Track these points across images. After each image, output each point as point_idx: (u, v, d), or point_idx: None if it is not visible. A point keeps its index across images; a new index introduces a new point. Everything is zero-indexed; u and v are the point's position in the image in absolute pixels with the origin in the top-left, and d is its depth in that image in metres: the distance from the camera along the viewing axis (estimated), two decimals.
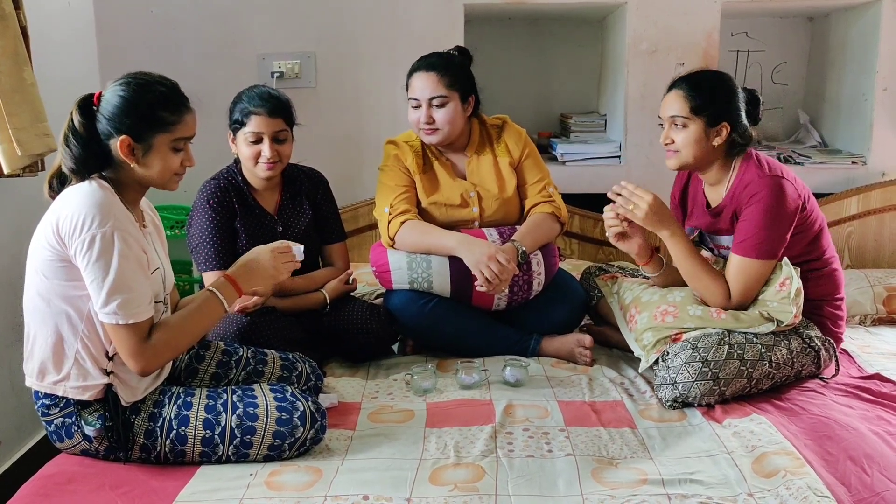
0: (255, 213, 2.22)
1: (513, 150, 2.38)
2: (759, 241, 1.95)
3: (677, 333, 1.98)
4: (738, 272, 1.99)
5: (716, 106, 1.99)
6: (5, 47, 1.93)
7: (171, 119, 1.60)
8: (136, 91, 1.58)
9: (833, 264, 2.10)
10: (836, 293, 2.10)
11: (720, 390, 1.89)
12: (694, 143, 2.00)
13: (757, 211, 1.95)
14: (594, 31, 3.50)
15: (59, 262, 1.54)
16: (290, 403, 1.67)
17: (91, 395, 1.60)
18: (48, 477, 1.59)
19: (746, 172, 2.01)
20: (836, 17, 3.33)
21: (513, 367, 2.07)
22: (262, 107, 2.11)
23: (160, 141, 1.60)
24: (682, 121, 2.01)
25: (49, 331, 1.58)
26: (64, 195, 1.58)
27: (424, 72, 2.27)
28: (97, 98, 1.60)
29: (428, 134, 2.29)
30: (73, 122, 1.58)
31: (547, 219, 2.32)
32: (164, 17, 3.01)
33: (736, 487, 1.53)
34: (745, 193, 1.98)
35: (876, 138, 3.10)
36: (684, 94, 2.01)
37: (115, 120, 1.57)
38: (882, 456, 1.61)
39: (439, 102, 2.25)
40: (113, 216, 1.53)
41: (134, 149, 1.59)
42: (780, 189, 1.95)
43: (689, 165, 2.07)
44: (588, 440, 1.74)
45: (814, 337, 2.00)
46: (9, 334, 2.25)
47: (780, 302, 1.95)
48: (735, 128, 2.01)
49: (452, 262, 2.21)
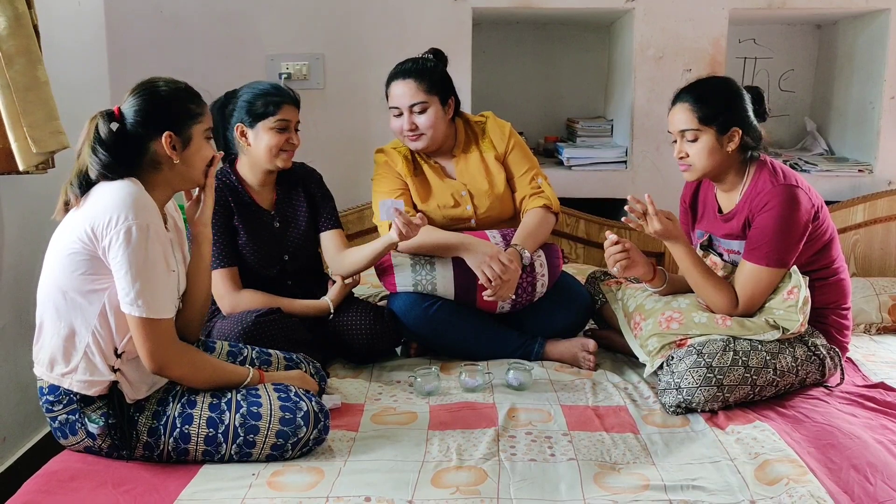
0: (251, 210, 2.24)
1: (497, 143, 2.40)
2: (770, 250, 1.94)
3: (682, 339, 1.98)
4: (747, 279, 1.98)
5: (724, 113, 1.98)
6: (19, 45, 1.94)
7: (199, 110, 1.70)
8: (165, 91, 1.67)
9: (841, 273, 2.09)
10: (843, 302, 2.09)
11: (724, 396, 1.89)
12: (708, 154, 1.99)
13: (770, 219, 1.94)
14: (601, 36, 3.50)
15: (86, 256, 1.56)
16: (294, 403, 1.68)
17: (96, 391, 1.61)
18: (52, 473, 1.60)
19: (760, 180, 2.01)
20: (843, 25, 3.32)
21: (516, 371, 2.07)
22: (287, 96, 2.18)
23: (197, 131, 1.69)
24: (693, 133, 1.99)
25: (62, 323, 1.60)
26: (98, 193, 1.61)
27: (402, 79, 2.30)
28: (118, 111, 1.65)
29: (413, 140, 2.32)
30: (98, 132, 1.61)
31: (542, 214, 2.33)
32: (174, 18, 3.03)
33: (738, 494, 1.53)
34: (759, 201, 1.97)
35: (883, 146, 3.10)
36: (690, 106, 1.99)
37: (154, 120, 1.64)
38: (885, 465, 1.60)
39: (420, 108, 2.28)
40: (147, 210, 1.57)
41: (175, 144, 1.66)
42: (794, 198, 1.94)
43: (706, 176, 2.06)
44: (591, 445, 1.73)
45: (819, 345, 2.00)
46: (15, 330, 2.26)
47: (786, 310, 1.95)
48: (746, 130, 1.99)
49: (456, 266, 2.22)
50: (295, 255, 2.30)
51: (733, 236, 2.08)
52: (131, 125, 1.64)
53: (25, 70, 1.96)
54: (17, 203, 2.27)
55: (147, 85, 1.67)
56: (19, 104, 1.95)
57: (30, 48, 1.98)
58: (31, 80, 1.97)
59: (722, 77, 2.11)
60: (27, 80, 1.96)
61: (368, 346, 2.24)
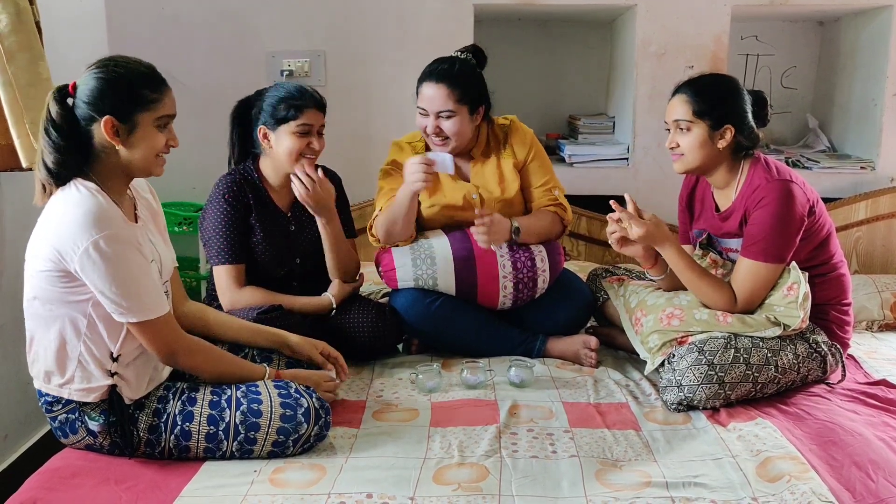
0: (269, 210, 2.23)
1: (518, 151, 2.36)
2: (767, 245, 1.94)
3: (683, 336, 1.98)
4: (746, 276, 1.98)
5: (719, 109, 1.99)
6: (20, 42, 1.94)
7: (153, 97, 1.59)
8: (114, 72, 1.57)
9: (840, 269, 2.09)
10: (843, 298, 2.09)
11: (725, 394, 1.89)
12: (698, 146, 2.01)
13: (766, 215, 1.94)
14: (603, 33, 3.49)
15: (57, 272, 1.53)
16: (295, 400, 1.68)
17: (95, 397, 1.61)
18: (53, 471, 1.60)
19: (755, 176, 2.01)
20: (846, 21, 3.32)
21: (518, 368, 2.07)
22: (311, 100, 2.14)
23: (144, 119, 1.58)
24: (686, 124, 2.01)
25: (52, 335, 1.58)
26: (54, 206, 1.56)
27: (435, 83, 2.23)
28: (72, 87, 1.58)
29: (438, 145, 2.29)
30: (50, 112, 1.56)
31: (550, 216, 2.32)
32: (175, 15, 3.02)
33: (740, 491, 1.53)
34: (754, 197, 1.98)
35: (885, 143, 3.09)
36: (687, 98, 2.01)
37: (97, 102, 1.55)
38: (887, 462, 1.60)
39: (447, 115, 2.24)
40: (107, 221, 1.51)
41: (118, 130, 1.56)
42: (789, 193, 1.95)
43: (694, 169, 2.06)
44: (592, 442, 1.73)
45: (820, 342, 2.00)
46: (15, 328, 2.25)
47: (786, 307, 1.94)
48: (740, 130, 2.00)
49: (457, 260, 2.22)
50: (306, 258, 2.30)
51: (731, 234, 2.09)
52: (79, 105, 1.56)
53: (27, 66, 1.96)
54: (19, 200, 2.26)
55: (103, 63, 1.58)
56: (21, 100, 1.95)
57: (32, 44, 1.98)
58: (34, 76, 1.97)
59: (725, 75, 2.11)
60: (29, 76, 1.96)
61: (370, 343, 2.24)
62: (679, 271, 2.04)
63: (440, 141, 2.27)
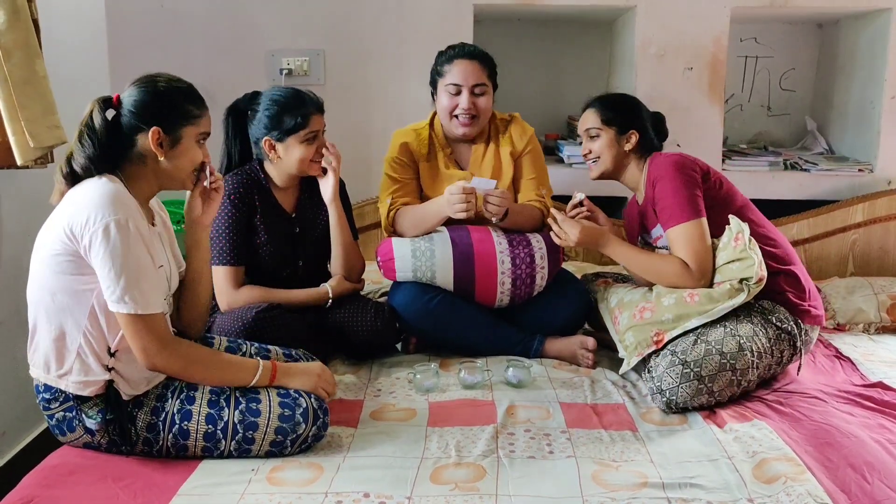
0: (274, 210, 2.24)
1: (516, 141, 2.43)
2: (676, 206, 2.08)
3: (658, 334, 2.00)
4: (679, 242, 2.08)
5: (623, 116, 2.25)
6: (17, 39, 1.94)
7: (197, 112, 1.68)
8: (164, 87, 1.66)
9: (771, 236, 2.16)
10: (787, 264, 2.13)
11: (707, 388, 1.91)
12: (608, 147, 2.25)
13: (664, 184, 2.12)
14: (603, 34, 3.50)
15: (68, 257, 1.55)
16: (293, 400, 1.68)
17: (92, 391, 1.61)
18: (51, 468, 1.60)
19: (652, 165, 2.21)
20: (845, 24, 3.32)
21: (515, 368, 2.07)
22: (313, 105, 2.17)
23: (188, 133, 1.67)
24: (596, 131, 2.26)
25: (53, 325, 1.59)
26: (74, 193, 1.59)
27: (468, 59, 2.33)
28: (116, 98, 1.64)
29: (465, 125, 2.34)
30: (91, 120, 1.61)
31: (532, 210, 2.38)
32: (175, 13, 3.02)
33: (736, 493, 1.53)
34: (653, 180, 2.17)
35: (883, 146, 3.10)
36: (596, 110, 2.28)
37: (146, 113, 1.63)
38: (883, 464, 1.61)
39: (480, 91, 2.31)
40: (124, 206, 1.55)
41: (163, 141, 1.63)
42: (675, 161, 2.14)
43: (608, 171, 2.27)
44: (589, 442, 1.74)
45: (784, 318, 2.04)
46: (14, 324, 2.26)
47: (739, 255, 2.01)
48: (643, 135, 2.24)
49: (455, 254, 2.23)
50: (309, 260, 2.31)
51: (652, 224, 2.22)
52: (125, 115, 1.63)
53: (23, 64, 1.96)
54: (15, 197, 2.26)
55: (149, 78, 1.67)
56: (17, 98, 1.94)
57: (28, 42, 1.97)
58: (29, 73, 1.97)
59: (627, 94, 2.43)
60: (25, 73, 1.96)
61: (368, 341, 2.24)
62: (627, 262, 2.19)
63: (468, 120, 2.32)
